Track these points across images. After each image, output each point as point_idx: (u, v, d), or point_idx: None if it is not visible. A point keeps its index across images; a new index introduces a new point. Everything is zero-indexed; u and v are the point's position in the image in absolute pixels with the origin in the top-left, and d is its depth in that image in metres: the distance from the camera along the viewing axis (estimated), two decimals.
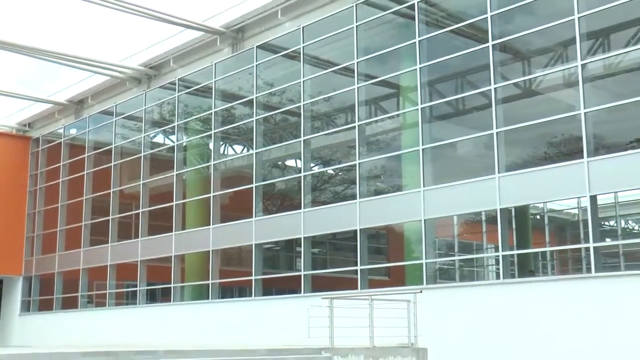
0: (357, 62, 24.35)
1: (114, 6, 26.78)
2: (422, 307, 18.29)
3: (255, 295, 26.37)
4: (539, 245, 27.77)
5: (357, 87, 24.28)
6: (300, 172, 26.24)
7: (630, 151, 19.05)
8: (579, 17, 19.28)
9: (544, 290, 19.67)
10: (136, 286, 31.66)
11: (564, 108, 20.12)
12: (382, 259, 26.80)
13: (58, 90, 38.09)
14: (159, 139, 33.69)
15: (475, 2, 21.92)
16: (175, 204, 30.42)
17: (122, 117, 34.46)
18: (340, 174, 26.79)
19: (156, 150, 33.29)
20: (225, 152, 30.79)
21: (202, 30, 29.32)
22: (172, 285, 29.89)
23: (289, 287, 25.78)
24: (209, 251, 28.43)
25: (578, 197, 21.17)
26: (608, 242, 24.51)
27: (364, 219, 23.49)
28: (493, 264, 23.82)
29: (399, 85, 24.33)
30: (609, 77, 20.19)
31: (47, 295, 37.63)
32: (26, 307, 39.05)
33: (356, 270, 23.41)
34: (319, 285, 24.68)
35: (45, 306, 37.69)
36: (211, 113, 29.50)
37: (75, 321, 34.87)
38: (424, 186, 21.99)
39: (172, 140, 32.48)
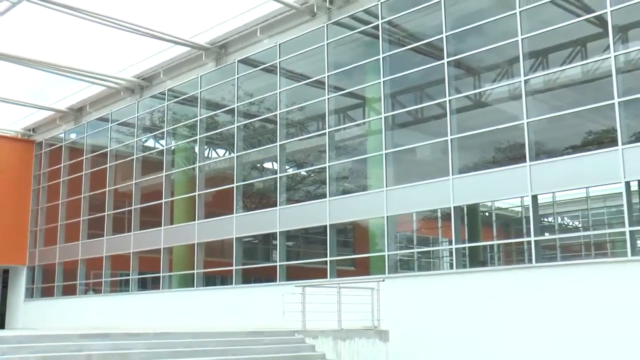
0: (328, 76, 24.41)
1: (111, 24, 26.65)
2: (384, 294, 18.55)
3: (235, 284, 26.37)
4: (488, 239, 27.83)
5: (327, 98, 24.30)
6: (276, 173, 26.26)
7: (566, 156, 19.36)
8: (522, 39, 19.50)
9: (491, 278, 19.88)
10: (129, 275, 31.58)
11: (509, 118, 20.20)
12: (349, 251, 26.83)
13: (60, 98, 37.87)
14: (150, 143, 33.49)
15: (432, 23, 21.91)
16: (164, 202, 30.39)
17: (117, 124, 34.26)
18: (312, 175, 26.76)
19: (147, 153, 33.05)
20: (209, 155, 30.64)
21: (189, 46, 29.24)
22: (161, 274, 29.86)
23: (266, 276, 25.70)
24: (194, 244, 28.36)
25: (521, 197, 21.27)
26: (547, 236, 24.68)
27: (333, 215, 23.53)
28: (447, 256, 23.87)
29: (364, 97, 24.35)
30: (548, 92, 20.31)
31: (48, 283, 37.39)
32: (30, 294, 38.72)
33: (326, 261, 23.48)
34: (293, 274, 24.68)
35: (47, 293, 37.44)
36: (197, 120, 29.45)
37: (74, 306, 34.71)
38: (386, 186, 22.08)
39: (161, 144, 32.32)
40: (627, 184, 17.52)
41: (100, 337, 15.61)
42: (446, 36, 21.19)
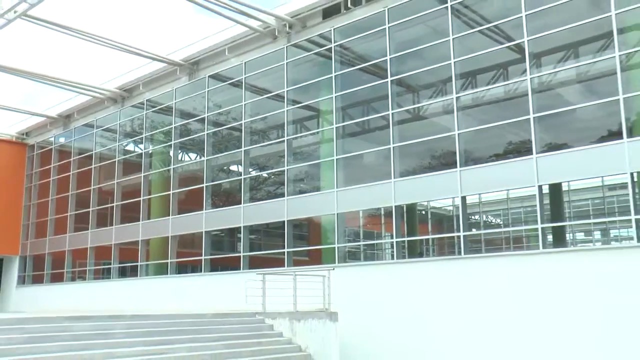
0: (287, 91, 24.52)
1: (98, 41, 26.37)
2: (334, 281, 18.63)
3: (204, 272, 26.35)
4: (424, 233, 28.08)
5: (287, 110, 24.43)
6: (241, 175, 26.30)
7: (490, 163, 19.70)
8: (454, 62, 19.81)
9: (426, 267, 20.06)
10: (110, 264, 31.29)
11: (442, 129, 20.47)
12: (304, 244, 26.84)
13: (50, 106, 37.46)
14: (130, 147, 33.20)
15: (378, 47, 22.08)
16: (142, 199, 30.17)
17: (101, 129, 33.86)
18: (272, 177, 26.74)
19: (127, 156, 32.73)
20: (182, 159, 30.50)
21: (166, 62, 29.08)
22: (139, 263, 29.69)
23: (231, 265, 25.67)
24: (168, 236, 28.28)
25: (452, 197, 21.52)
26: (473, 231, 25.02)
27: (290, 212, 23.63)
28: (389, 248, 24.04)
29: (318, 109, 24.39)
30: (476, 107, 20.49)
31: (39, 271, 36.77)
32: (22, 281, 38.05)
33: (284, 252, 23.56)
34: (255, 263, 24.66)
35: (37, 280, 36.83)
36: (171, 127, 29.35)
37: (61, 292, 34.18)
38: (337, 187, 22.27)
39: (140, 148, 32.10)
40: (540, 187, 17.94)
41: (84, 319, 15.56)
42: (390, 58, 21.45)
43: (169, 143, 29.72)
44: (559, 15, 18.10)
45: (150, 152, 31.19)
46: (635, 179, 16.64)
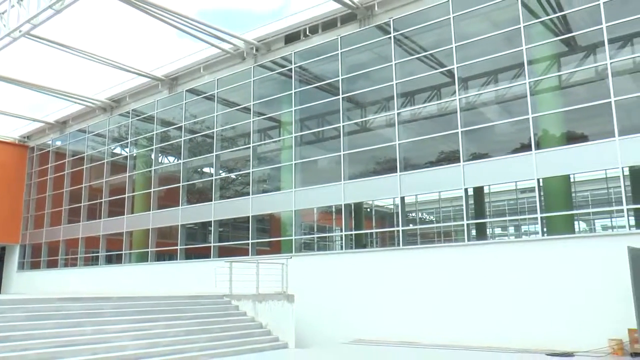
0: (253, 104, 24.50)
1: (91, 58, 26.06)
2: (291, 268, 18.70)
3: (179, 260, 26.20)
4: (368, 228, 28.28)
5: (252, 121, 24.42)
6: (212, 176, 26.22)
7: (425, 169, 19.91)
8: (396, 83, 20.04)
9: (370, 257, 20.14)
10: (99, 252, 30.90)
11: (385, 140, 20.63)
12: (266, 236, 26.75)
13: (49, 113, 36.94)
14: (117, 150, 32.76)
15: (331, 69, 22.18)
16: (127, 196, 29.84)
17: (92, 134, 33.38)
18: (239, 178, 26.60)
19: (115, 158, 32.23)
20: (162, 161, 30.20)
21: (149, 77, 28.84)
22: (123, 252, 29.32)
23: (203, 254, 25.47)
24: (149, 229, 28.03)
25: (393, 198, 21.65)
26: (410, 226, 25.25)
27: (255, 209, 23.65)
28: (339, 240, 24.17)
29: (280, 120, 24.34)
30: (414, 122, 20.67)
31: (36, 258, 36.08)
32: (21, 267, 37.23)
33: (248, 243, 23.55)
34: (223, 253, 24.56)
35: (35, 266, 36.13)
36: (153, 134, 29.07)
37: (56, 277, 33.55)
38: (295, 188, 22.34)
39: (126, 152, 31.68)
40: (466, 190, 18.27)
41: (75, 300, 15.40)
42: (341, 79, 21.62)
43: (150, 147, 29.45)
44: (482, 47, 18.46)
45: (134, 155, 30.79)
46: (542, 184, 17.06)
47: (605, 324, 14.15)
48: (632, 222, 16.36)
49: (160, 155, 29.89)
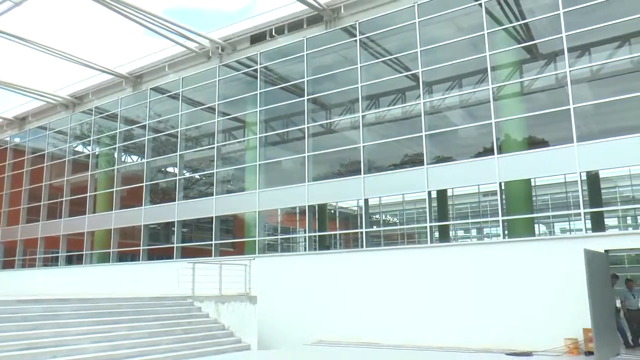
0: (218, 104, 24.29)
1: (54, 54, 25.51)
2: (255, 269, 18.63)
3: (142, 260, 25.81)
4: (332, 229, 28.35)
5: (217, 121, 24.21)
6: (176, 176, 25.86)
7: (389, 171, 20.08)
8: (361, 86, 20.13)
9: (334, 258, 20.28)
10: (59, 253, 30.22)
11: (350, 142, 20.74)
12: (230, 237, 26.64)
13: (7, 109, 36.01)
14: (79, 148, 32.13)
15: (297, 70, 22.20)
16: (89, 195, 29.26)
17: (53, 132, 32.65)
18: (203, 178, 26.45)
19: (76, 156, 31.60)
20: (125, 160, 29.76)
21: (113, 74, 28.40)
22: (84, 252, 28.74)
23: (166, 254, 25.25)
24: (111, 229, 27.53)
25: (357, 199, 21.78)
26: (374, 228, 25.47)
27: (218, 209, 23.45)
28: (302, 241, 24.18)
29: (245, 121, 24.25)
30: (378, 124, 20.84)
31: None
32: None
33: (212, 244, 23.38)
34: (186, 253, 24.31)
35: None
36: (116, 132, 28.57)
37: (13, 278, 32.48)
38: (259, 188, 22.24)
39: (88, 150, 31.07)
40: (429, 192, 18.46)
41: (34, 302, 15.07)
42: (307, 80, 21.60)
43: (113, 146, 28.95)
44: (447, 52, 18.72)
45: (97, 153, 30.23)
46: (504, 187, 17.39)
47: (562, 323, 14.50)
48: (589, 225, 16.83)
49: (123, 154, 29.43)
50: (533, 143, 17.78)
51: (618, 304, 15.30)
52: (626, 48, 16.86)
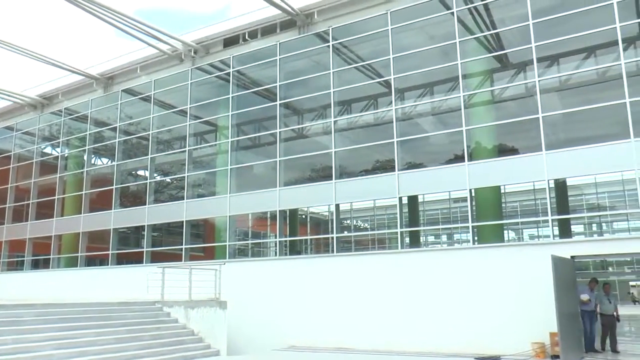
0: (190, 107, 24.11)
1: (20, 52, 25.03)
2: (225, 274, 18.45)
3: (111, 264, 25.37)
4: (303, 234, 28.37)
5: (189, 124, 24.02)
6: (147, 179, 25.56)
7: (360, 177, 20.18)
8: (333, 91, 20.18)
9: (304, 263, 20.35)
10: (24, 257, 29.55)
11: (322, 147, 20.74)
12: (200, 241, 26.43)
13: None
14: (48, 150, 31.52)
15: (269, 74, 22.11)
16: (57, 198, 28.69)
17: (21, 132, 32.01)
18: (174, 182, 26.15)
19: (45, 158, 30.98)
20: (95, 162, 29.29)
21: (84, 75, 27.91)
22: (51, 256, 28.13)
23: (136, 259, 24.82)
24: (79, 232, 26.99)
25: (328, 205, 21.79)
26: (345, 233, 25.54)
27: (189, 213, 23.24)
28: (273, 246, 24.13)
29: (216, 125, 24.12)
30: (350, 130, 20.89)
31: None
32: None
33: (182, 248, 23.10)
34: (156, 258, 24.01)
35: None
36: (86, 134, 28.12)
37: None
38: (230, 193, 22.09)
39: (57, 152, 30.45)
40: (400, 198, 18.59)
41: None
42: (279, 85, 21.58)
43: (83, 148, 28.45)
44: (419, 59, 18.90)
45: (66, 155, 29.68)
46: (474, 194, 17.60)
47: (530, 328, 14.71)
48: (556, 232, 17.13)
49: (93, 156, 28.96)
50: (503, 151, 18.04)
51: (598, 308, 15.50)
52: (592, 59, 17.24)
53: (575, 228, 28.46)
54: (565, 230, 19.74)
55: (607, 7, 15.68)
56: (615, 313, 15.38)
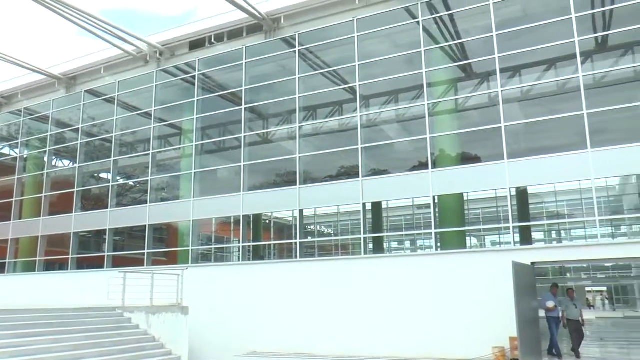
0: (154, 110, 23.78)
1: None
2: (187, 279, 18.25)
3: (71, 269, 24.76)
4: (267, 239, 28.24)
5: (153, 127, 23.69)
6: (109, 182, 25.08)
7: (324, 183, 20.18)
8: (299, 97, 20.17)
9: (268, 269, 20.18)
10: None
11: (287, 152, 20.74)
12: (163, 246, 26.05)
13: None
14: (5, 150, 30.65)
15: (235, 78, 21.98)
16: (15, 200, 27.90)
17: None
18: (137, 185, 25.79)
19: (2, 159, 30.14)
20: (56, 164, 28.62)
21: (45, 74, 27.32)
22: (7, 260, 27.28)
23: (96, 263, 24.30)
24: (38, 236, 26.29)
25: (292, 210, 21.72)
26: (309, 239, 25.54)
27: (152, 217, 22.89)
28: (237, 251, 23.95)
29: (181, 128, 23.81)
30: (315, 136, 20.91)
31: None
32: None
33: (144, 253, 22.75)
34: (118, 263, 23.55)
35: None
36: (47, 135, 27.47)
37: None
38: (193, 197, 21.86)
39: (15, 153, 29.61)
40: (364, 204, 18.68)
41: None
42: (245, 89, 21.46)
43: (44, 149, 27.79)
44: (384, 67, 19.05)
45: (25, 156, 28.93)
46: (437, 201, 17.79)
47: (491, 332, 14.93)
48: (517, 238, 17.44)
49: (54, 158, 28.28)
50: (466, 159, 18.30)
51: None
52: (553, 71, 17.65)
53: (535, 235, 29.03)
54: (526, 237, 20.16)
55: (566, 21, 16.09)
56: (580, 318, 15.71)
